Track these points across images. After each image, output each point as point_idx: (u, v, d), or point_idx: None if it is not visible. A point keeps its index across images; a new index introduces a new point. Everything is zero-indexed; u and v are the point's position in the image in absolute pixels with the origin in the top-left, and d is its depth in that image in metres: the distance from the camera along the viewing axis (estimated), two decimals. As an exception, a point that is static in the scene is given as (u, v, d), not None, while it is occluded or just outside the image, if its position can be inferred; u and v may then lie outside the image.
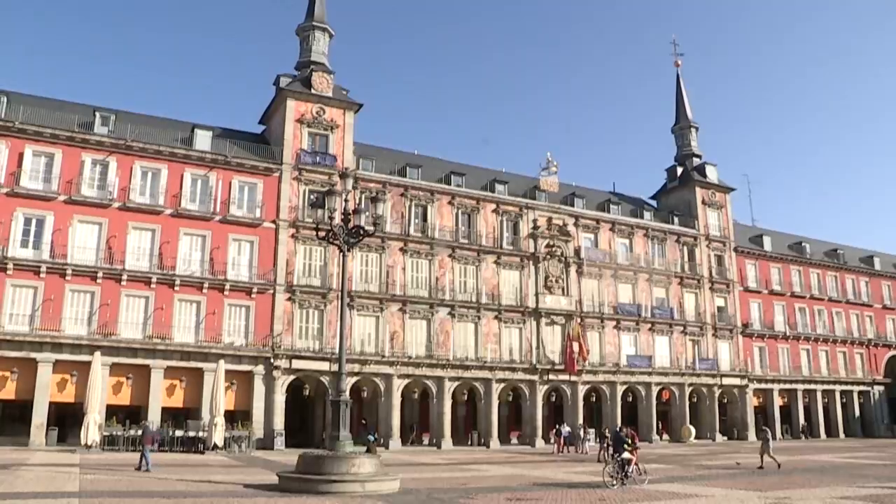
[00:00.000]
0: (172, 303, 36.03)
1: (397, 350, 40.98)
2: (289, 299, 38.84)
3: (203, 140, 39.14)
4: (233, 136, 42.09)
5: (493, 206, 46.57)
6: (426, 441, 42.01)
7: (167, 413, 34.87)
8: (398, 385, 40.61)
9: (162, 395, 34.88)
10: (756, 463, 26.28)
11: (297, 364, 37.89)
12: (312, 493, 15.93)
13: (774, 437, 31.59)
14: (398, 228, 42.71)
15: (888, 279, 68.37)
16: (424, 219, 43.95)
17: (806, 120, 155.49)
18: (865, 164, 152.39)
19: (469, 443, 42.76)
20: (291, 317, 38.77)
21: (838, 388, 60.22)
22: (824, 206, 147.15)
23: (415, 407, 43.21)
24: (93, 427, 30.13)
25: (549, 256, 47.57)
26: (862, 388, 62.07)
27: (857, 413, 61.39)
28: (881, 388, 63.30)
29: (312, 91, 42.35)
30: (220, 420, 32.86)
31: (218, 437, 32.53)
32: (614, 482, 18.67)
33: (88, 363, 31.89)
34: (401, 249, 42.64)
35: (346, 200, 18.81)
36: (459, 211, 45.33)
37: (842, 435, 58.48)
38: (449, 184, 45.56)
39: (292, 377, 38.01)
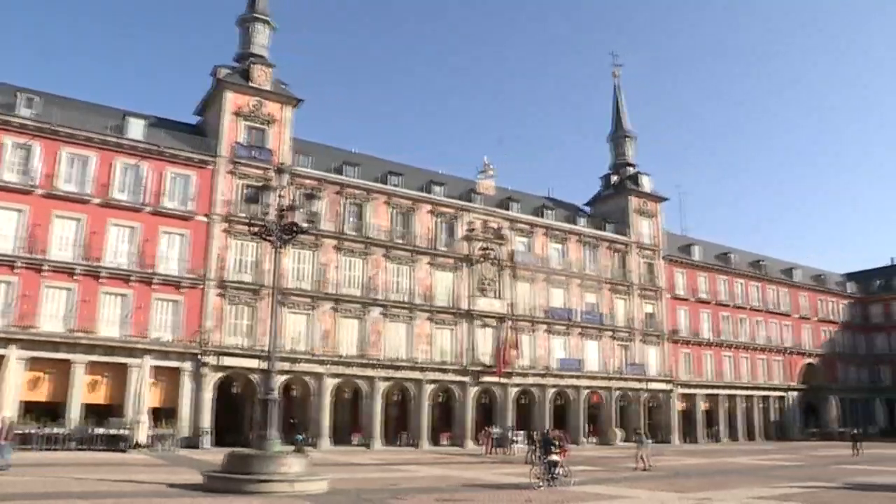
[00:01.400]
0: (97, 295, 35.42)
1: (329, 349, 41.34)
2: (220, 295, 38.76)
3: (136, 129, 38.65)
4: (167, 126, 41.77)
5: (430, 207, 47.39)
6: (356, 441, 42.30)
7: (89, 410, 34.17)
8: (329, 384, 40.93)
9: (83, 392, 34.15)
10: (652, 465, 27.52)
11: (226, 361, 37.80)
12: (239, 492, 15.87)
13: (650, 440, 32.79)
14: (333, 227, 43.04)
15: (805, 291, 72.21)
16: (360, 218, 44.44)
17: (735, 135, 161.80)
18: (788, 180, 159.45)
19: (399, 443, 43.42)
20: (222, 313, 38.68)
21: (758, 393, 63.47)
22: (750, 218, 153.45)
23: (346, 407, 43.46)
24: (4, 425, 29.27)
25: (483, 259, 48.61)
26: (779, 393, 65.62)
27: (774, 417, 64.60)
28: (796, 393, 67.04)
29: (251, 84, 42.37)
30: (145, 418, 32.69)
31: (142, 435, 32.30)
32: (542, 483, 19.12)
33: (2, 357, 30.92)
34: (335, 248, 42.99)
35: (281, 196, 18.94)
36: (396, 211, 45.96)
37: (759, 438, 61.47)
38: (386, 183, 46.21)
39: (221, 375, 37.90)
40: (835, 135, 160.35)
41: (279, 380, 35.68)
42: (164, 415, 35.55)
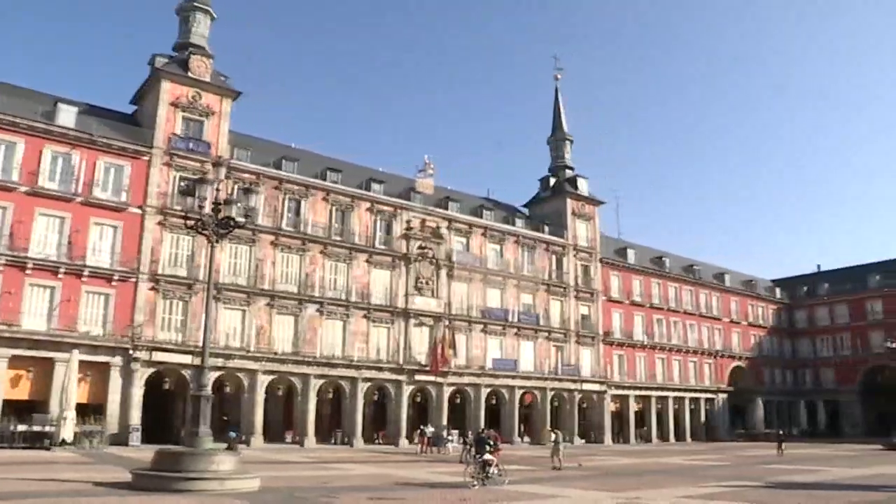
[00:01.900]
0: (23, 287, 34.83)
1: (263, 345, 41.71)
2: (152, 289, 38.69)
3: (67, 116, 38.21)
4: (101, 114, 41.39)
5: (368, 204, 48.10)
6: (290, 439, 42.71)
7: (10, 406, 33.34)
8: (263, 381, 41.24)
9: (5, 387, 33.54)
10: (573, 465, 28.96)
11: (157, 356, 37.71)
12: (168, 491, 15.64)
13: (566, 441, 33.95)
14: (270, 222, 43.36)
15: (736, 295, 75.50)
16: (298, 213, 44.85)
17: (671, 142, 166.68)
18: (720, 187, 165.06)
19: (333, 441, 44.00)
20: (154, 307, 38.63)
21: (688, 395, 66.16)
22: (684, 223, 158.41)
23: (279, 404, 43.81)
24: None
25: (421, 258, 49.52)
26: (709, 395, 68.59)
27: (704, 418, 67.34)
28: (725, 395, 70.14)
29: (189, 74, 42.31)
30: (71, 414, 32.27)
31: (67, 432, 31.90)
32: (475, 483, 19.32)
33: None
34: (272, 243, 43.31)
35: (218, 190, 19.00)
36: (334, 207, 46.49)
37: (689, 438, 64.15)
38: (325, 179, 46.71)
39: (152, 370, 37.79)
40: (764, 143, 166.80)
41: (212, 376, 35.72)
42: (91, 411, 35.21)
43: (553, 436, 30.32)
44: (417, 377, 47.52)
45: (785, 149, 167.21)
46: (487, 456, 20.27)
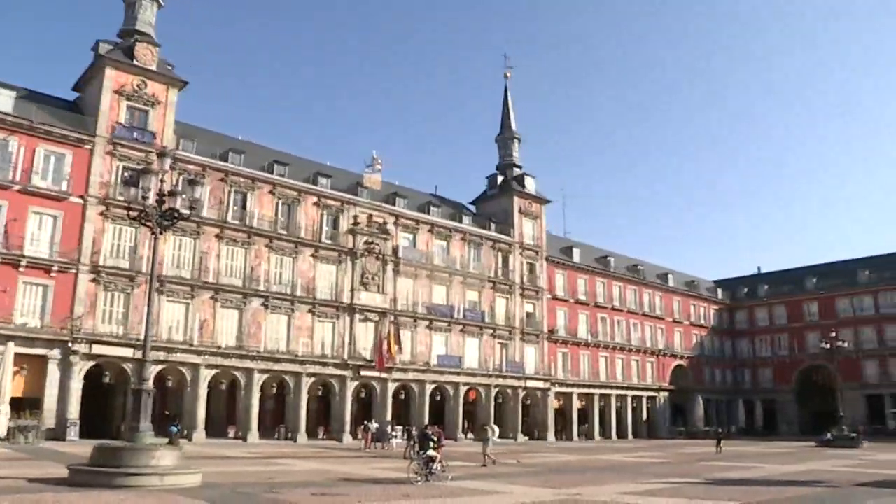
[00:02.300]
0: (-46, 277, 34.47)
1: (207, 339, 41.91)
2: (93, 280, 38.59)
3: (5, 100, 37.76)
4: (41, 100, 40.98)
5: (315, 198, 48.59)
6: (232, 434, 42.96)
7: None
8: (205, 375, 41.46)
9: (-67, 380, 33.18)
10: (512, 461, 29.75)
11: (97, 350, 37.64)
12: (106, 486, 15.40)
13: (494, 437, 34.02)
14: (215, 214, 43.57)
15: (679, 295, 78.06)
16: (244, 206, 45.12)
17: (618, 143, 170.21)
18: (664, 189, 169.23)
19: (276, 437, 44.37)
20: (95, 299, 38.52)
21: (631, 393, 68.31)
22: (629, 224, 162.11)
23: (222, 399, 44.07)
24: None
25: (367, 253, 50.23)
26: (650, 393, 70.94)
27: (645, 416, 69.59)
28: (666, 394, 72.64)
29: (135, 62, 42.12)
30: (5, 408, 31.75)
31: (0, 427, 31.49)
32: (419, 479, 19.45)
33: None
34: (217, 236, 43.53)
35: (162, 181, 19.07)
36: (280, 201, 46.89)
37: (631, 436, 66.24)
38: (272, 172, 47.06)
39: (92, 363, 37.69)
40: (709, 147, 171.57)
41: (154, 370, 35.86)
42: (27, 405, 34.79)
43: (483, 431, 30.88)
44: (362, 373, 48.17)
45: (728, 152, 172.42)
46: (431, 452, 20.46)
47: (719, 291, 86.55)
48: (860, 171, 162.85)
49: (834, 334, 55.31)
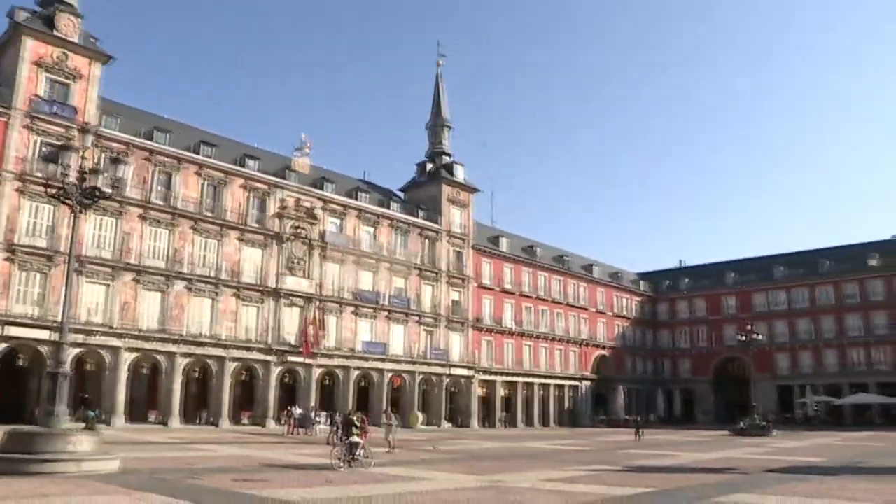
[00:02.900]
0: None
1: (128, 322, 41.89)
2: (8, 259, 38.13)
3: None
4: (-50, 68, 40.03)
5: (243, 181, 48.89)
6: (153, 419, 43.03)
7: None
8: (126, 359, 41.47)
9: None
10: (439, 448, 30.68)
11: (11, 331, 37.23)
12: (19, 473, 15.14)
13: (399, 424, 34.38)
14: (139, 194, 43.47)
15: (603, 287, 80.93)
16: (169, 187, 45.11)
17: (548, 134, 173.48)
18: (592, 181, 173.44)
19: (198, 422, 44.72)
20: (9, 279, 38.05)
21: (554, 381, 70.79)
22: (556, 215, 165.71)
23: (143, 383, 44.09)
24: None
25: (294, 237, 50.79)
26: (573, 382, 73.58)
27: (568, 405, 72.24)
28: (589, 383, 75.40)
29: (56, 33, 41.33)
30: None
31: None
32: (342, 465, 19.65)
33: None
34: (140, 216, 43.48)
35: (83, 158, 18.81)
36: (207, 182, 47.04)
37: (553, 424, 68.71)
38: (198, 153, 47.10)
39: (5, 346, 37.27)
40: (635, 140, 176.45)
41: (72, 353, 35.67)
42: (-67, 390, 34.31)
43: (388, 418, 31.33)
44: (287, 358, 48.86)
45: (652, 147, 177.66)
46: (355, 438, 20.75)
47: (642, 284, 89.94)
48: (776, 170, 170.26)
49: (749, 327, 58.57)
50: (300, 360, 49.37)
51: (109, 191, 18.78)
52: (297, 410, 43.02)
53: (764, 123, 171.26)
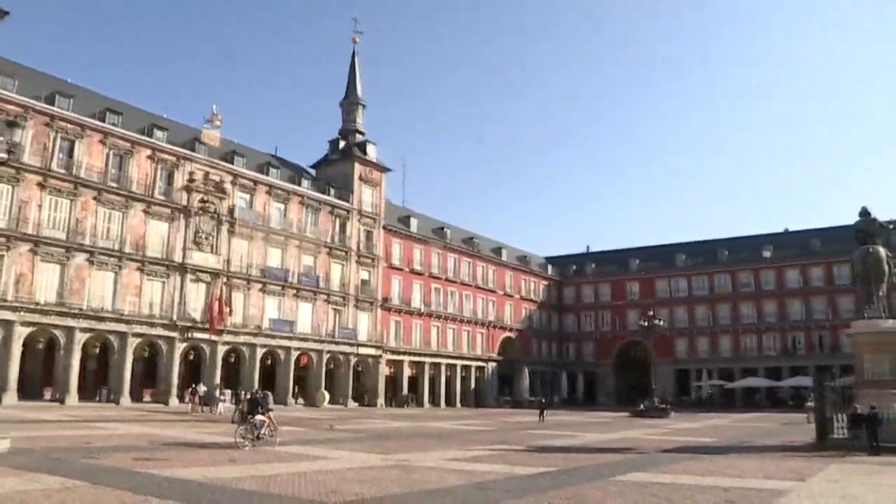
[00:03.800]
0: None
1: (23, 294, 40.99)
2: None
3: None
4: None
5: (150, 151, 48.27)
6: (49, 396, 42.33)
7: None
8: (21, 333, 40.65)
9: None
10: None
11: None
12: None
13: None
14: (38, 161, 42.44)
15: (511, 270, 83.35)
16: (71, 155, 44.19)
17: (461, 116, 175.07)
18: (503, 165, 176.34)
19: (98, 399, 44.11)
20: None
21: (461, 362, 72.77)
22: (467, 197, 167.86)
23: (38, 358, 43.29)
24: None
25: (202, 212, 50.54)
26: (479, 363, 75.75)
27: (474, 385, 74.18)
28: (495, 364, 77.78)
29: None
30: None
31: None
32: (246, 443, 19.95)
33: None
34: (39, 185, 42.49)
35: None
36: (112, 152, 46.23)
37: (459, 404, 70.61)
38: (103, 121, 46.25)
39: None
40: (541, 124, 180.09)
41: (-40, 325, 34.89)
42: None
43: (193, 389, 31.47)
44: (191, 334, 48.76)
45: (564, 133, 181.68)
46: (259, 416, 21.02)
47: (550, 268, 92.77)
48: (682, 161, 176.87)
49: (651, 313, 61.53)
50: (205, 336, 49.35)
51: (4, 156, 18.36)
52: (202, 388, 42.96)
53: (671, 115, 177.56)
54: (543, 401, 49.65)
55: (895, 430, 22.04)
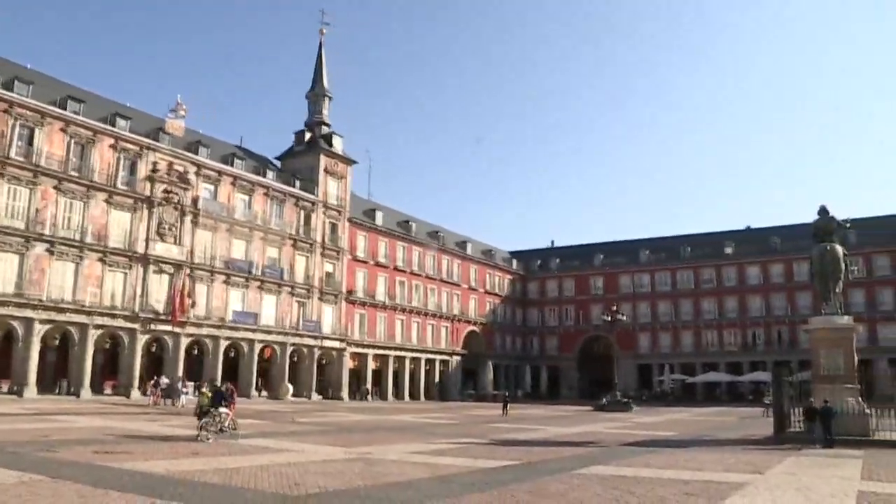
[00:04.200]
0: None
1: (-21, 285, 40.08)
2: None
3: None
4: None
5: (112, 140, 47.49)
6: (6, 389, 41.49)
7: None
8: (-24, 325, 39.81)
9: None
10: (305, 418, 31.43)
11: None
12: None
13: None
14: (-5, 148, 41.49)
15: (476, 264, 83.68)
16: (30, 143, 43.30)
17: (427, 110, 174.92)
18: (469, 159, 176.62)
19: (58, 392, 43.49)
20: None
21: (424, 356, 72.79)
22: (432, 191, 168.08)
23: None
24: None
25: (165, 202, 49.93)
26: (444, 357, 75.89)
27: (438, 379, 74.59)
28: (459, 358, 78.06)
29: None
30: None
31: None
32: (209, 436, 19.99)
33: None
34: (-3, 173, 41.54)
35: None
36: (73, 140, 45.40)
37: (423, 398, 70.71)
38: (64, 108, 45.34)
39: None
40: (509, 121, 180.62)
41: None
42: None
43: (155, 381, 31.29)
44: (154, 326, 48.21)
45: (531, 128, 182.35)
46: (223, 410, 21.15)
47: (514, 262, 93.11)
48: (649, 157, 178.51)
49: (615, 308, 62.11)
50: (168, 328, 48.86)
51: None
52: (164, 380, 42.57)
53: (636, 112, 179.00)
54: (507, 395, 49.97)
55: (848, 424, 22.63)
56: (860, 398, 24.31)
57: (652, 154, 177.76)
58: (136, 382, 46.76)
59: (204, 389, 22.28)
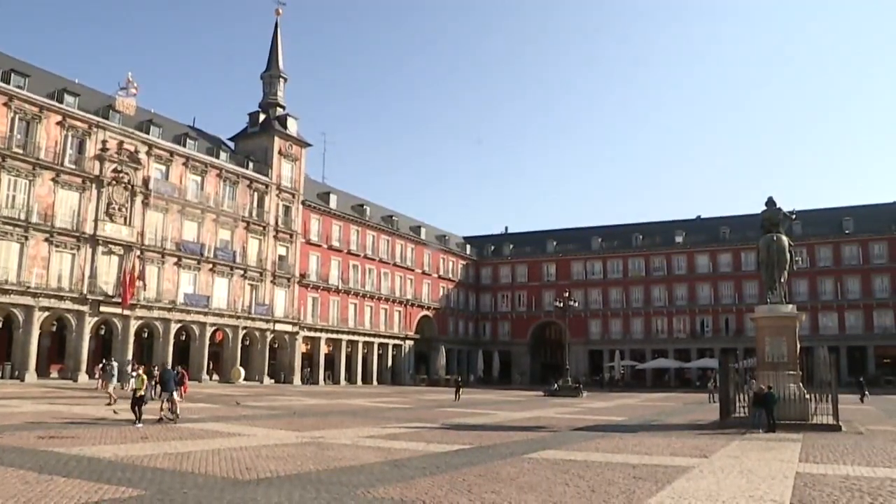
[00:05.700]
0: None
1: (-82, 265, 38.94)
2: None
3: None
4: None
5: (60, 117, 46.33)
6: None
7: None
8: (-85, 305, 38.67)
9: None
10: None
11: None
12: None
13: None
14: (-66, 124, 40.21)
15: (429, 248, 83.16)
16: (-29, 118, 41.96)
17: (382, 93, 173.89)
18: (424, 144, 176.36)
19: (1, 375, 42.57)
20: None
21: (378, 340, 72.82)
22: (386, 175, 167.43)
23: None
24: None
25: (115, 182, 48.93)
26: (396, 341, 75.96)
27: (390, 363, 74.53)
28: (411, 342, 78.24)
29: None
30: None
31: None
32: (159, 420, 20.14)
33: None
34: (-65, 148, 40.27)
35: None
36: (18, 116, 44.14)
37: (375, 382, 70.67)
38: (8, 83, 44.02)
39: None
40: (464, 103, 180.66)
41: None
42: None
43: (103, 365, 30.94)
44: (102, 308, 47.31)
45: (485, 113, 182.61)
46: (175, 394, 21.09)
47: (468, 247, 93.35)
48: (603, 145, 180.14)
49: (566, 294, 62.64)
50: (117, 311, 47.97)
51: None
52: (113, 364, 41.82)
53: (591, 101, 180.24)
54: (459, 379, 50.00)
55: (790, 409, 23.21)
56: (801, 384, 24.93)
57: (606, 143, 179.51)
58: (84, 366, 45.77)
59: (139, 372, 21.53)
